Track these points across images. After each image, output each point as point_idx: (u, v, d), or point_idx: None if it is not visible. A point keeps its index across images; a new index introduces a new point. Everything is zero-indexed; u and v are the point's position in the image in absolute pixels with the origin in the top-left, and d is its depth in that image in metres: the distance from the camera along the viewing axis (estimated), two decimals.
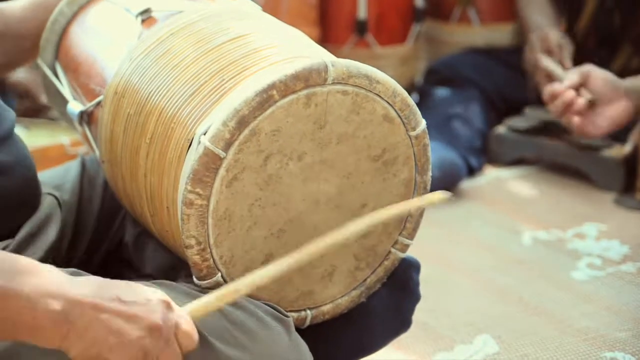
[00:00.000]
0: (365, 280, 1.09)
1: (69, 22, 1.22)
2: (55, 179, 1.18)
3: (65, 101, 1.18)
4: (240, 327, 0.93)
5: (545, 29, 2.18)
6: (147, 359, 0.84)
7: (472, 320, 1.53)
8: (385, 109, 1.00)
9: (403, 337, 1.20)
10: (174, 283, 1.00)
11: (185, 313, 0.88)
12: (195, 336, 0.87)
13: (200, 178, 0.93)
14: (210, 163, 0.93)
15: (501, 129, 2.29)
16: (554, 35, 2.16)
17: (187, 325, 0.86)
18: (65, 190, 1.17)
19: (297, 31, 1.10)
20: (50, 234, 1.09)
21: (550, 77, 2.12)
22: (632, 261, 1.72)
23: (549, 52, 2.17)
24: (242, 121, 0.92)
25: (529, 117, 2.27)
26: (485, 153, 2.28)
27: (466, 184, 2.15)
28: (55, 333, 0.81)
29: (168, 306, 0.86)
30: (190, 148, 0.95)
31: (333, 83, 0.96)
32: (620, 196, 2.02)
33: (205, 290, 0.97)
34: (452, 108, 2.32)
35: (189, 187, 0.94)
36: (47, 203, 1.12)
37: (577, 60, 2.19)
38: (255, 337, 0.94)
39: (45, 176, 1.18)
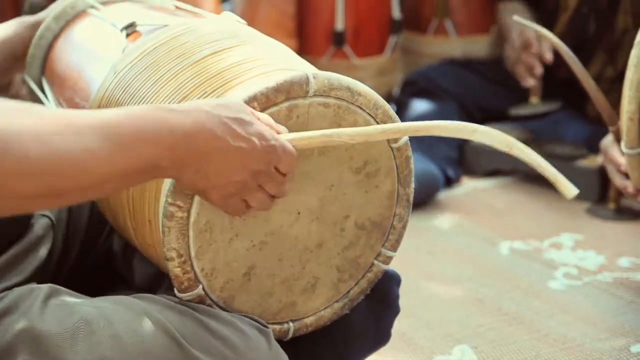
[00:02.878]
0: (348, 292, 1.10)
1: (55, 37, 1.23)
2: None
3: None
4: (221, 339, 0.94)
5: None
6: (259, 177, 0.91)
7: (450, 331, 1.54)
8: (367, 121, 1.01)
9: (382, 348, 1.21)
10: (154, 296, 1.00)
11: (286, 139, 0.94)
12: (295, 158, 0.94)
13: (181, 190, 0.94)
14: None
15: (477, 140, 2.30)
16: (533, 29, 2.18)
17: (290, 147, 0.93)
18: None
19: (279, 44, 1.10)
20: (40, 256, 1.08)
21: (531, 71, 2.16)
22: (608, 271, 1.74)
23: (527, 45, 2.19)
24: None
25: (506, 129, 2.29)
26: (462, 164, 2.30)
27: (443, 195, 2.17)
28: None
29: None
30: None
31: (314, 95, 0.96)
32: (594, 206, 2.05)
33: (186, 302, 0.98)
34: (429, 119, 2.33)
35: (169, 200, 0.94)
36: (40, 224, 1.11)
37: (555, 68, 2.22)
38: (236, 348, 0.94)
39: None
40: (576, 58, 1.70)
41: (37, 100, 1.25)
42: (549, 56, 2.16)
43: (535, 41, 2.18)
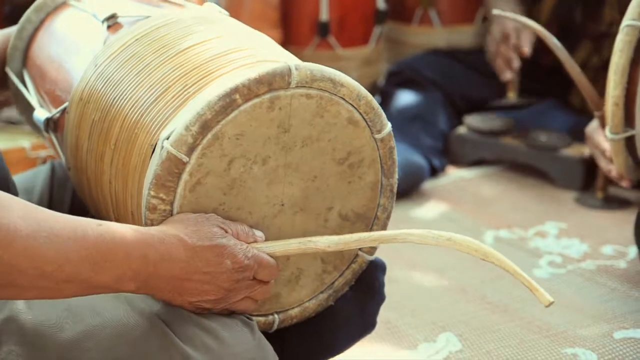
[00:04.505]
0: (332, 283, 1.10)
1: (36, 30, 1.22)
2: (25, 183, 1.18)
3: (32, 109, 1.18)
4: (205, 329, 0.94)
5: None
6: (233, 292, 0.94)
7: (435, 319, 1.54)
8: (349, 112, 1.01)
9: (367, 336, 1.21)
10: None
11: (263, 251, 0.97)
12: (276, 267, 0.98)
13: (163, 183, 0.93)
14: (173, 168, 0.93)
15: (462, 130, 2.31)
16: (513, 21, 2.18)
17: (267, 259, 0.97)
18: (35, 193, 1.16)
19: (263, 35, 1.10)
20: None
21: (509, 64, 2.17)
22: (592, 259, 1.75)
23: (506, 37, 2.20)
24: (205, 125, 0.93)
25: (490, 118, 2.30)
26: (447, 154, 2.31)
27: (429, 185, 2.17)
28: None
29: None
30: (154, 153, 0.96)
31: (297, 87, 0.96)
32: (580, 195, 2.06)
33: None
34: (414, 109, 2.34)
35: (152, 192, 0.94)
36: None
37: (538, 57, 2.23)
38: (220, 339, 0.94)
39: (15, 180, 1.18)
40: (561, 45, 1.71)
41: (18, 93, 1.24)
42: (526, 50, 2.17)
43: (514, 33, 2.18)
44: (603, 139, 1.72)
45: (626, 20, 1.43)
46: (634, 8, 1.43)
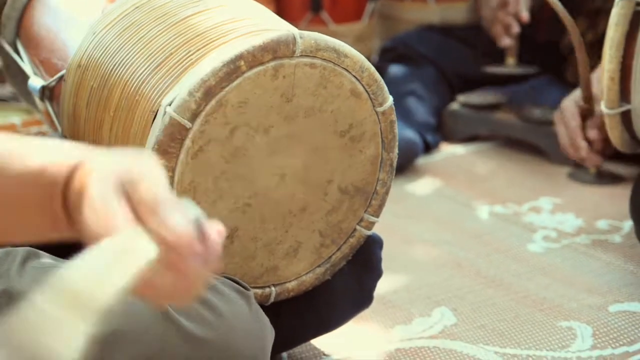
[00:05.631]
0: (330, 257, 1.10)
1: None
2: None
3: (26, 78, 1.17)
4: (203, 301, 0.93)
5: None
6: None
7: (429, 294, 1.54)
8: (352, 83, 1.00)
9: (362, 312, 1.21)
10: None
11: None
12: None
13: (165, 149, 0.93)
14: (175, 133, 0.92)
15: (455, 106, 2.31)
16: None
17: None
18: None
19: (262, 6, 1.09)
20: None
21: (508, 30, 2.16)
22: (586, 233, 1.75)
23: (504, 4, 2.19)
24: (208, 92, 0.92)
25: (483, 94, 2.30)
26: (441, 130, 2.30)
27: (423, 161, 2.17)
28: None
29: None
30: (155, 119, 0.95)
31: (301, 55, 0.96)
32: (574, 170, 2.06)
33: None
34: (407, 85, 2.33)
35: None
36: None
37: (533, 31, 2.22)
38: (218, 313, 0.94)
39: None
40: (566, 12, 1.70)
41: (11, 62, 1.23)
42: (525, 15, 2.16)
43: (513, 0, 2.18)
44: (573, 116, 1.75)
45: None
46: None
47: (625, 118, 1.46)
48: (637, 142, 1.49)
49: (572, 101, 1.82)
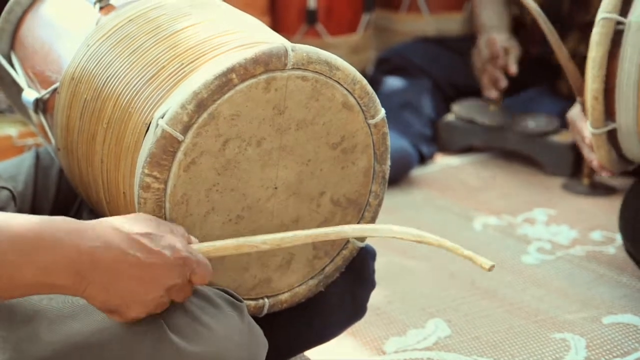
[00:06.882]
0: (323, 269, 1.10)
1: (25, 11, 1.21)
2: (10, 170, 1.17)
3: (20, 91, 1.17)
4: (197, 318, 0.93)
5: (493, 33, 2.22)
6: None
7: (424, 305, 1.55)
8: (344, 96, 1.01)
9: (356, 323, 1.21)
10: None
11: (200, 252, 0.92)
12: (210, 268, 0.91)
13: (158, 161, 0.93)
14: (168, 146, 0.93)
15: (450, 117, 2.32)
16: (500, 39, 2.20)
17: (203, 259, 0.91)
18: (20, 181, 1.16)
19: (256, 19, 1.10)
20: None
21: (495, 84, 2.18)
22: (581, 245, 1.76)
23: (494, 58, 2.20)
24: (201, 104, 0.92)
25: (478, 106, 2.30)
26: (436, 141, 2.31)
27: (418, 172, 2.18)
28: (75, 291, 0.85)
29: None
30: (148, 131, 0.95)
31: (293, 68, 0.96)
32: (568, 181, 2.06)
33: None
34: (403, 97, 2.34)
35: (146, 171, 0.93)
36: (0, 197, 1.10)
37: (526, 45, 2.23)
38: (211, 328, 0.93)
39: (0, 167, 1.17)
40: (553, 28, 1.70)
41: (5, 74, 1.23)
42: (513, 69, 2.18)
43: (502, 53, 2.19)
44: (585, 125, 1.73)
45: (601, 13, 1.41)
46: (609, 0, 1.41)
47: (612, 137, 1.45)
48: (624, 160, 1.49)
49: (578, 112, 1.81)
